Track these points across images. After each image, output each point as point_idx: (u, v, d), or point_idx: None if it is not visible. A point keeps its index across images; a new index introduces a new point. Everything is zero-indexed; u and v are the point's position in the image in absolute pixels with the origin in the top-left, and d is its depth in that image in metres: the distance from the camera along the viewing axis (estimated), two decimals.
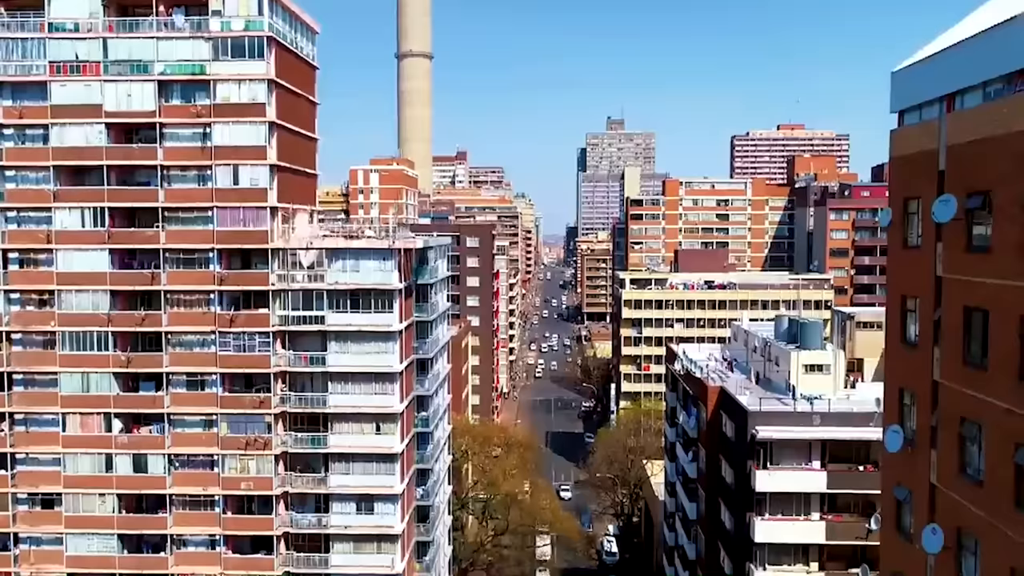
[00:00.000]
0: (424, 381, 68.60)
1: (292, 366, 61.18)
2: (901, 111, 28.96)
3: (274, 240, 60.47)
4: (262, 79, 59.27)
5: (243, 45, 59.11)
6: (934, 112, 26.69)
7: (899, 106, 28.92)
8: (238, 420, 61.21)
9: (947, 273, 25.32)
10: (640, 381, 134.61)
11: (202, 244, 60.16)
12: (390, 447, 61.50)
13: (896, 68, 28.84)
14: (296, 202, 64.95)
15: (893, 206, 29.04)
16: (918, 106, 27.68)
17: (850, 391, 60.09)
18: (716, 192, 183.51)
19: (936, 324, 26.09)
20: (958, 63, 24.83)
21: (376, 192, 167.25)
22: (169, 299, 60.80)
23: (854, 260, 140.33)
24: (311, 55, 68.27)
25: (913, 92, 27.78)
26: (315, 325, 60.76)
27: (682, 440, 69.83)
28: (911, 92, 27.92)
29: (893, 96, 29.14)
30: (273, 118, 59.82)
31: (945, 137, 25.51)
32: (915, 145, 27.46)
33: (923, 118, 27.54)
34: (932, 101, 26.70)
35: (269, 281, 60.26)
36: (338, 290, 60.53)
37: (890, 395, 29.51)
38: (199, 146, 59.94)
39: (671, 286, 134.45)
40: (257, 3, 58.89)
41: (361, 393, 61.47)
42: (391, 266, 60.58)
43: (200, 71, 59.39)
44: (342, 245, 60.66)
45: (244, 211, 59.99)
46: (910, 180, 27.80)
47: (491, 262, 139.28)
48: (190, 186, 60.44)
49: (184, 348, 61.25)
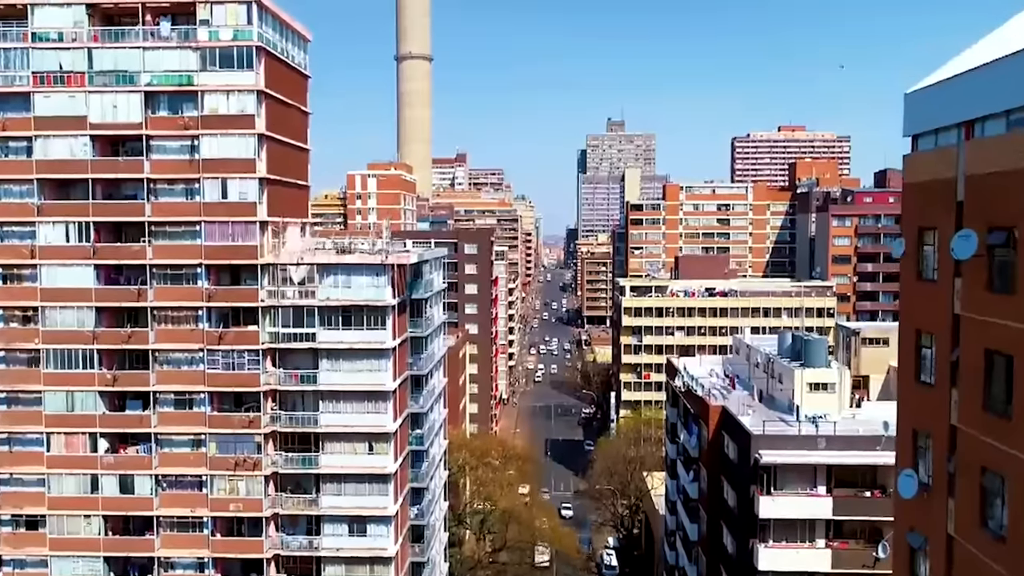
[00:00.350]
0: (419, 398, 67.00)
1: (282, 384, 59.62)
2: (915, 135, 27.32)
3: (264, 255, 58.89)
4: (251, 90, 57.70)
5: (231, 55, 57.53)
6: (951, 138, 25.07)
7: (913, 130, 27.31)
8: (227, 440, 59.60)
9: (966, 312, 23.70)
10: (640, 389, 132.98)
11: (190, 259, 58.60)
12: (383, 467, 59.91)
13: (910, 90, 27.24)
14: (287, 215, 63.36)
15: (907, 235, 27.43)
16: (934, 131, 26.06)
17: (856, 410, 58.50)
18: (717, 197, 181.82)
19: (954, 365, 24.46)
20: (978, 88, 23.22)
21: (374, 197, 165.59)
22: (156, 316, 59.24)
23: (857, 267, 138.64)
24: (303, 64, 66.68)
25: (929, 116, 26.16)
26: (306, 343, 59.20)
27: (683, 458, 68.22)
28: (926, 116, 26.30)
29: (907, 119, 27.53)
30: (262, 130, 58.25)
31: (964, 166, 23.90)
32: (931, 172, 25.84)
33: (939, 144, 25.93)
34: (949, 127, 25.06)
35: (259, 297, 58.69)
36: (329, 306, 58.99)
37: (903, 436, 27.90)
38: (187, 159, 58.38)
39: (672, 293, 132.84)
40: (246, 12, 57.30)
41: (353, 412, 59.92)
42: (384, 282, 59.02)
43: (187, 82, 57.83)
44: (333, 260, 59.07)
45: (233, 225, 58.40)
46: (925, 209, 26.18)
47: (490, 268, 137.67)
48: (177, 200, 58.88)
49: (171, 366, 59.68)
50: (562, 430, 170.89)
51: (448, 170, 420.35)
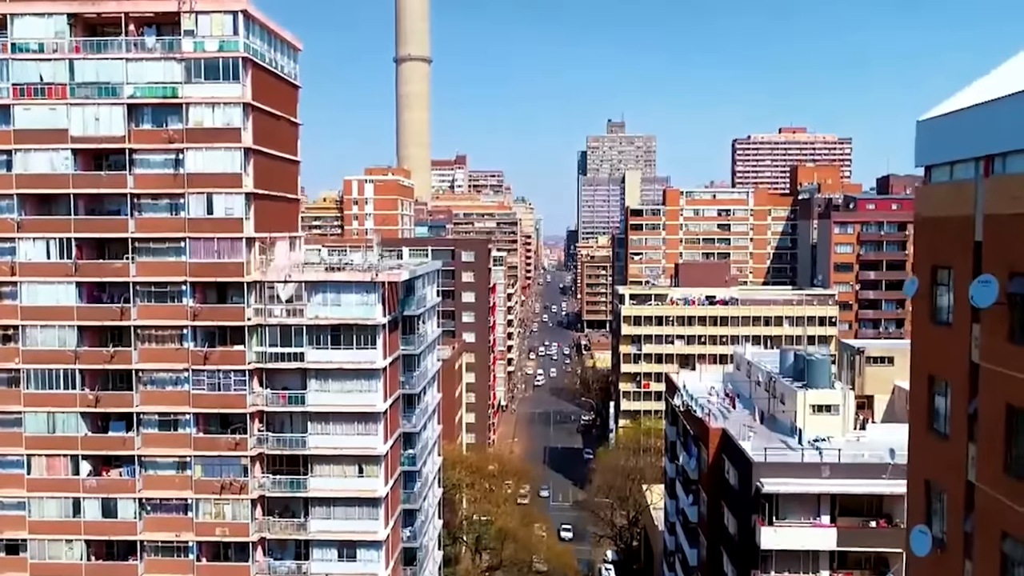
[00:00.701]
0: (411, 417, 65.29)
1: (270, 405, 57.95)
2: (929, 166, 25.58)
3: (251, 272, 57.18)
4: (237, 102, 56.00)
5: (217, 66, 55.83)
6: (968, 172, 23.36)
7: (926, 160, 25.58)
8: (213, 462, 57.93)
9: (986, 362, 21.97)
10: (639, 399, 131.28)
11: (174, 277, 56.92)
12: (373, 490, 58.23)
13: (923, 117, 25.51)
14: (276, 229, 61.64)
15: (919, 273, 25.70)
16: (949, 163, 24.32)
17: (860, 433, 56.81)
18: (717, 202, 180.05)
19: (971, 417, 22.73)
20: (1000, 121, 21.51)
21: (371, 203, 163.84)
22: (140, 335, 57.58)
23: (859, 275, 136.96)
24: (292, 74, 64.98)
25: (944, 148, 24.44)
26: (294, 363, 57.53)
27: (682, 479, 66.51)
28: (941, 147, 24.57)
29: (919, 148, 25.81)
30: (249, 143, 56.55)
31: (983, 204, 22.19)
32: (946, 207, 24.11)
33: (955, 177, 24.21)
34: (966, 160, 23.32)
35: (245, 316, 57.00)
36: (318, 325, 57.29)
37: (914, 487, 26.13)
38: (171, 173, 56.69)
39: (671, 301, 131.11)
40: (232, 23, 55.60)
41: (343, 434, 58.29)
42: (374, 299, 57.33)
43: (172, 94, 56.15)
44: (322, 278, 57.38)
45: (218, 242, 56.70)
46: (940, 247, 24.46)
47: (487, 276, 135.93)
48: (162, 215, 57.19)
49: (156, 386, 58.01)
50: (561, 438, 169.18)
51: (448, 172, 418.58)
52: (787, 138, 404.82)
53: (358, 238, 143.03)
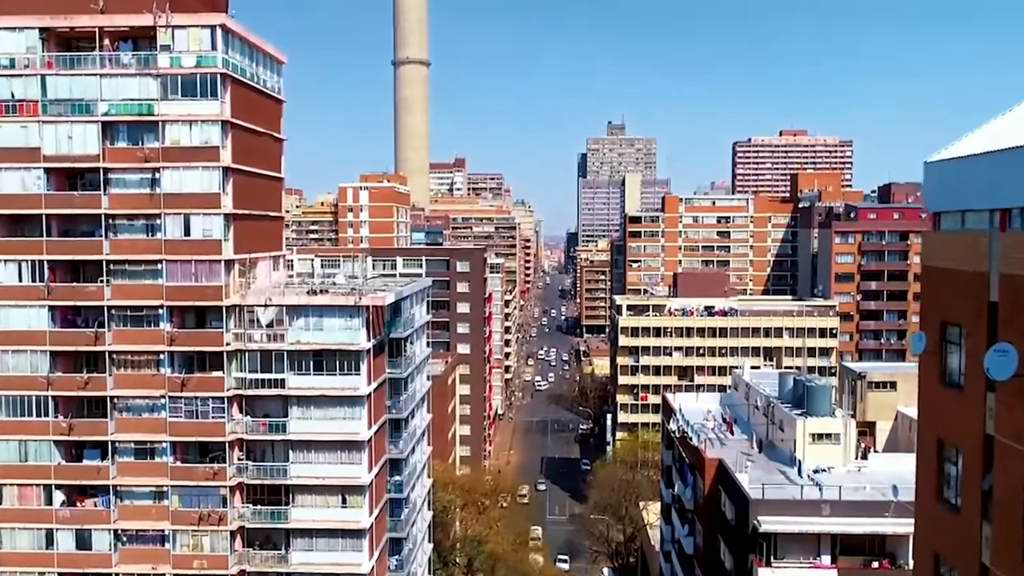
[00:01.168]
0: (398, 442, 63.25)
1: (250, 433, 55.98)
2: (937, 212, 23.53)
3: (230, 296, 55.16)
4: (215, 120, 53.98)
5: (194, 83, 53.81)
6: (982, 223, 21.31)
7: (935, 206, 23.54)
8: (190, 492, 55.91)
9: (1003, 437, 19.92)
10: (637, 411, 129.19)
11: (151, 300, 54.87)
12: (357, 521, 56.20)
13: (932, 159, 23.45)
14: (258, 249, 59.69)
15: (927, 328, 23.64)
16: (960, 211, 22.26)
17: (862, 462, 54.81)
18: (717, 209, 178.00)
19: (986, 494, 20.66)
20: (1020, 171, 19.43)
21: (366, 210, 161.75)
22: (115, 360, 55.56)
23: (860, 285, 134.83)
24: (276, 88, 62.97)
25: (954, 194, 22.40)
26: (275, 389, 55.54)
27: (677, 506, 64.46)
28: (952, 194, 22.53)
29: (927, 191, 23.78)
30: (228, 163, 54.50)
31: (998, 262, 20.12)
32: (956, 259, 22.05)
33: (966, 226, 22.17)
34: (980, 211, 21.25)
35: (224, 341, 54.95)
36: (300, 351, 55.26)
37: (922, 562, 24.06)
38: (147, 193, 54.65)
39: (670, 312, 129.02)
40: (210, 38, 53.56)
41: (326, 462, 56.28)
42: (358, 324, 55.31)
43: (148, 111, 54.12)
44: (303, 302, 55.34)
45: (196, 265, 54.64)
46: (950, 302, 22.40)
47: (483, 286, 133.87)
48: (137, 237, 55.16)
49: (132, 414, 55.98)
50: (559, 447, 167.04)
51: (446, 175, 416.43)
52: (788, 141, 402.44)
53: (352, 248, 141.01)
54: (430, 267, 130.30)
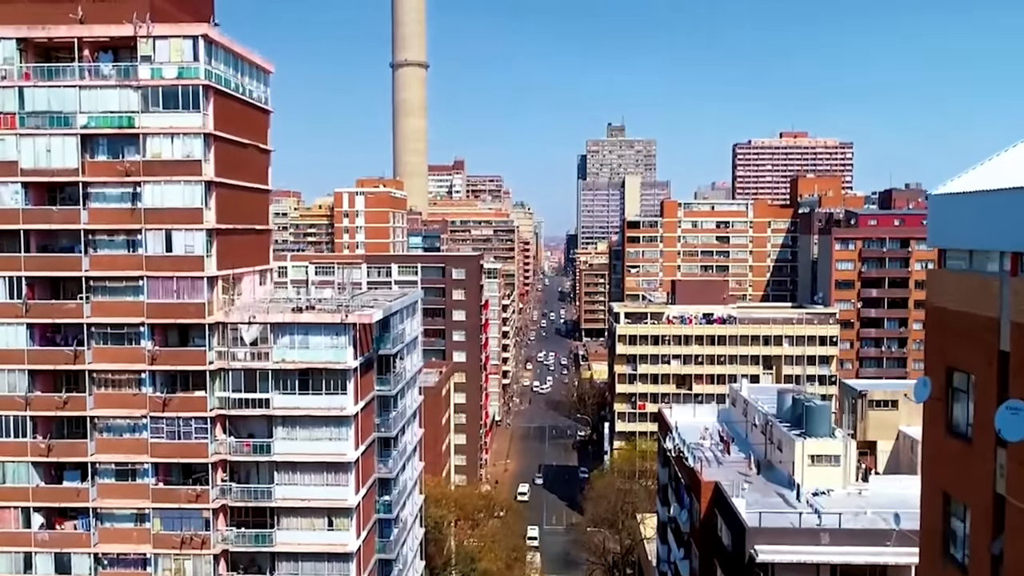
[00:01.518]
0: (388, 461, 61.78)
1: (234, 454, 54.51)
2: (942, 249, 22.02)
3: (213, 313, 53.68)
4: (198, 133, 52.54)
5: (176, 95, 52.38)
6: (992, 265, 19.82)
7: (941, 242, 22.05)
8: (172, 515, 54.46)
9: (1015, 499, 18.39)
10: (635, 420, 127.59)
11: (131, 318, 53.43)
12: (344, 544, 54.72)
13: (938, 191, 21.96)
14: (243, 264, 58.22)
15: (932, 373, 22.13)
16: (968, 250, 20.75)
17: (862, 485, 53.25)
18: (716, 214, 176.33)
19: (996, 559, 19.14)
20: None
21: (362, 216, 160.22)
22: (95, 379, 54.09)
23: (860, 292, 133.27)
24: (263, 98, 61.51)
25: (962, 231, 20.90)
26: (259, 409, 54.10)
27: (673, 526, 62.97)
28: (959, 230, 21.03)
29: (932, 225, 22.27)
30: (211, 176, 53.03)
31: (1010, 309, 18.62)
32: (964, 301, 20.54)
33: (975, 267, 20.66)
34: (990, 252, 19.74)
35: (207, 360, 53.47)
36: (285, 369, 53.77)
37: None
38: (128, 208, 53.21)
39: (668, 320, 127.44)
40: (192, 48, 52.10)
41: (311, 484, 54.82)
42: (345, 342, 53.83)
43: (128, 124, 52.67)
44: (288, 319, 53.83)
45: (178, 281, 53.19)
46: (957, 347, 20.89)
47: (479, 293, 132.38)
48: (118, 252, 53.70)
49: (112, 434, 54.54)
50: (557, 454, 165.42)
51: (445, 178, 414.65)
52: (788, 143, 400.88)
53: (347, 255, 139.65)
54: (425, 274, 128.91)
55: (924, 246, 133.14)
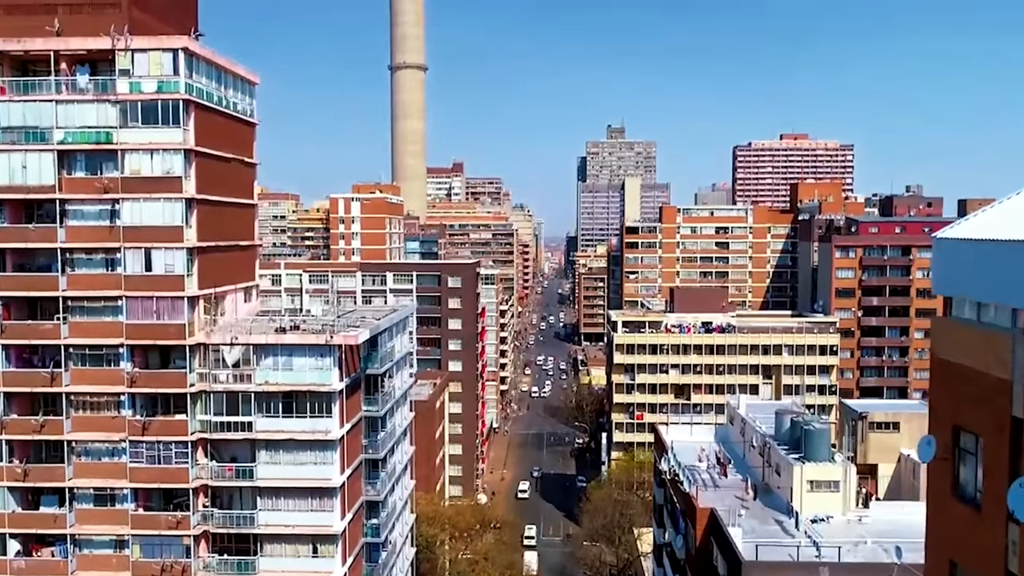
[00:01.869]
0: (376, 483, 60.19)
1: (215, 479, 52.92)
2: (949, 297, 20.44)
3: (194, 334, 52.12)
4: (178, 148, 50.99)
5: (155, 109, 50.85)
6: (1003, 319, 18.21)
7: (947, 289, 20.49)
8: (152, 542, 52.88)
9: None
10: (633, 431, 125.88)
11: (110, 339, 51.86)
12: (329, 572, 53.15)
13: (944, 234, 20.37)
14: (227, 281, 56.61)
15: (938, 430, 20.56)
16: (976, 302, 19.17)
17: (863, 511, 51.81)
18: (715, 220, 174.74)
19: None
20: None
21: (357, 222, 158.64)
22: (73, 402, 52.55)
23: (861, 301, 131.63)
24: (248, 111, 59.96)
25: (971, 281, 19.31)
26: (242, 432, 52.52)
27: (668, 551, 61.40)
28: (967, 279, 19.46)
29: (937, 271, 20.72)
30: (192, 193, 51.48)
31: (1022, 371, 17.02)
32: (973, 357, 18.97)
33: (983, 319, 19.08)
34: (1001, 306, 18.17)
35: (188, 382, 51.90)
36: (268, 392, 52.22)
37: None
38: (106, 225, 51.65)
39: (666, 329, 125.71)
40: (171, 61, 50.56)
41: (296, 510, 53.26)
42: (330, 363, 52.25)
43: (106, 139, 51.13)
44: (272, 341, 52.24)
45: (158, 301, 51.63)
46: (966, 406, 19.32)
47: (475, 301, 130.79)
48: (96, 272, 52.14)
49: (91, 458, 52.98)
50: (554, 462, 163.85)
51: (444, 180, 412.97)
52: (788, 145, 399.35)
53: (342, 263, 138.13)
54: (421, 282, 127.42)
55: (925, 254, 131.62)
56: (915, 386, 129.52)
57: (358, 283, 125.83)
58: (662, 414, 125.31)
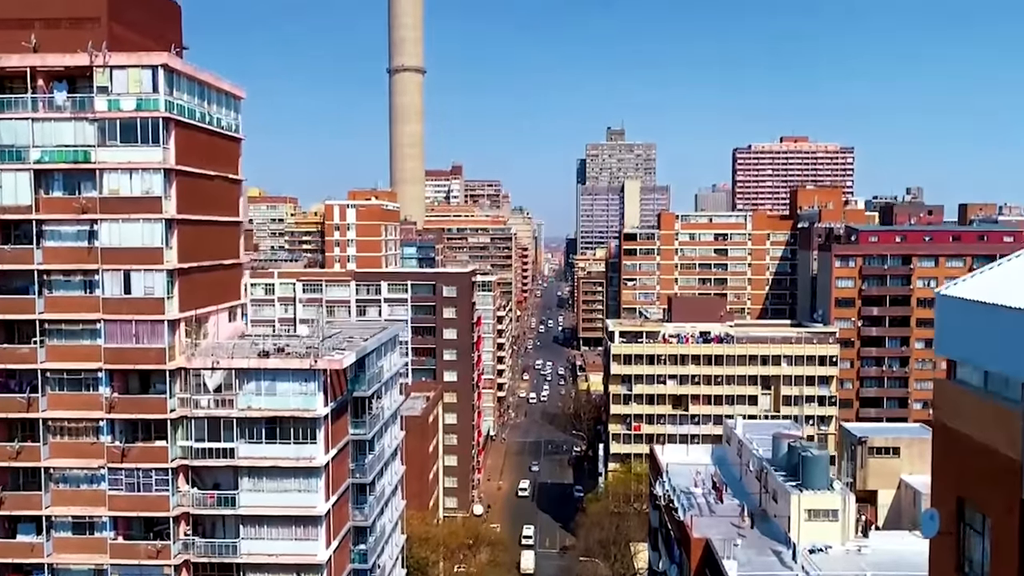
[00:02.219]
0: (363, 508, 58.79)
1: (197, 507, 51.57)
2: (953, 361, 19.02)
3: (175, 358, 50.75)
4: (158, 168, 49.61)
5: (134, 128, 49.46)
6: (1013, 393, 16.75)
7: (951, 352, 19.10)
8: (132, 572, 51.55)
9: None
10: (630, 442, 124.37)
11: (88, 363, 50.52)
12: None
13: (947, 290, 18.94)
14: (211, 302, 55.24)
15: (941, 502, 19.15)
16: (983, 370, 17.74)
17: (862, 541, 50.36)
18: (714, 226, 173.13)
19: None
20: None
21: (353, 229, 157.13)
22: (50, 428, 51.15)
23: (861, 310, 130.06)
24: (232, 126, 58.57)
25: (976, 346, 17.91)
26: (224, 459, 51.16)
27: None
28: (972, 344, 18.04)
29: (940, 329, 19.30)
30: (172, 214, 50.10)
31: None
32: (980, 432, 17.56)
33: (991, 388, 17.66)
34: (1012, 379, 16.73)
35: (168, 407, 50.52)
36: (251, 417, 50.82)
37: None
38: (84, 247, 50.29)
39: (664, 339, 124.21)
40: (151, 79, 49.17)
41: (280, 539, 51.93)
42: (314, 388, 50.88)
43: (84, 158, 49.80)
44: (254, 365, 50.84)
45: (137, 324, 50.27)
46: (972, 481, 17.88)
47: (470, 311, 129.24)
48: (74, 294, 50.79)
49: (69, 485, 51.62)
50: (552, 471, 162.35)
51: (443, 183, 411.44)
52: (788, 148, 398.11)
53: (336, 272, 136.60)
54: (416, 292, 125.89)
55: (926, 263, 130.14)
56: (915, 396, 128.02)
57: (352, 293, 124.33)
58: (660, 425, 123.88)
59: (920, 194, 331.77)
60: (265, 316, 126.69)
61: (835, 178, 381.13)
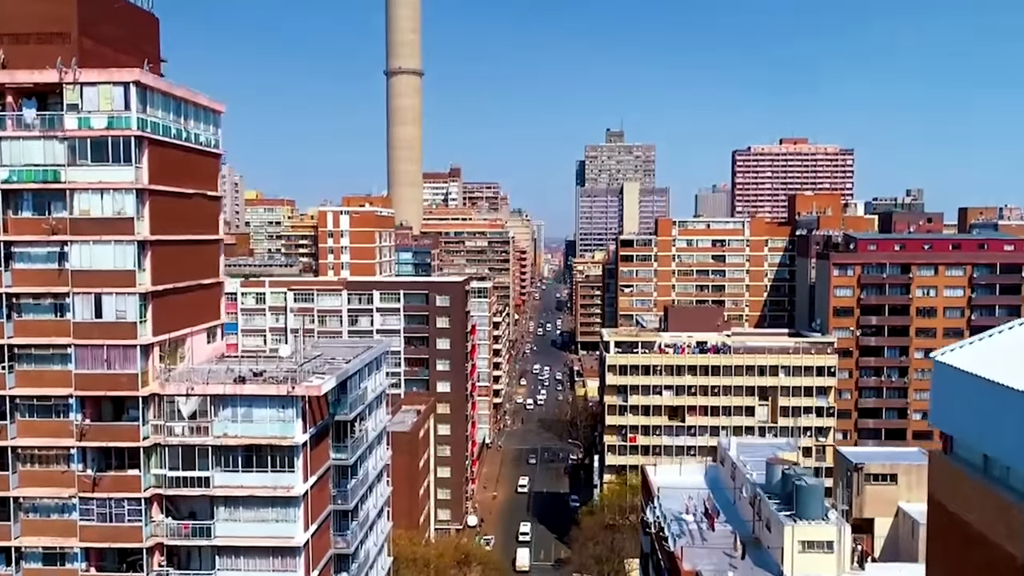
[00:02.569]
0: (346, 535, 57.13)
1: (172, 537, 49.96)
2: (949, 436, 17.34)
3: (148, 384, 49.10)
4: (130, 188, 47.97)
5: (106, 146, 47.82)
6: (1018, 483, 15.07)
7: (947, 426, 17.40)
8: None
9: None
10: (626, 453, 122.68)
11: (59, 389, 48.87)
12: None
13: (943, 358, 17.27)
14: (187, 324, 53.61)
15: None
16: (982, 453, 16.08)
17: (857, 574, 48.67)
18: (712, 232, 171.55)
19: None
20: None
21: (347, 236, 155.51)
22: (20, 456, 49.49)
23: (860, 320, 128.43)
24: (211, 141, 56.92)
25: (975, 424, 16.20)
26: (199, 488, 49.53)
27: None
28: (972, 421, 16.32)
29: (937, 400, 17.64)
30: (145, 235, 48.47)
31: None
32: (979, 520, 15.85)
33: (988, 471, 15.97)
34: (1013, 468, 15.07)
35: (141, 435, 48.87)
36: (227, 445, 49.18)
37: None
38: (55, 269, 48.64)
39: (660, 349, 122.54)
40: (123, 95, 47.56)
41: (256, 570, 50.24)
42: (292, 415, 49.25)
43: (54, 178, 48.21)
44: (230, 391, 49.19)
45: (108, 349, 48.59)
46: (969, 567, 16.16)
47: (464, 320, 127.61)
48: (44, 317, 49.12)
49: (39, 515, 49.98)
50: (547, 480, 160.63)
51: (441, 186, 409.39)
52: (788, 149, 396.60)
53: (327, 281, 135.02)
54: (408, 301, 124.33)
55: (925, 272, 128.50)
56: (915, 407, 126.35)
57: (344, 302, 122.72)
58: (656, 436, 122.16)
59: (920, 196, 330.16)
60: (256, 325, 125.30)
61: (835, 180, 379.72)
